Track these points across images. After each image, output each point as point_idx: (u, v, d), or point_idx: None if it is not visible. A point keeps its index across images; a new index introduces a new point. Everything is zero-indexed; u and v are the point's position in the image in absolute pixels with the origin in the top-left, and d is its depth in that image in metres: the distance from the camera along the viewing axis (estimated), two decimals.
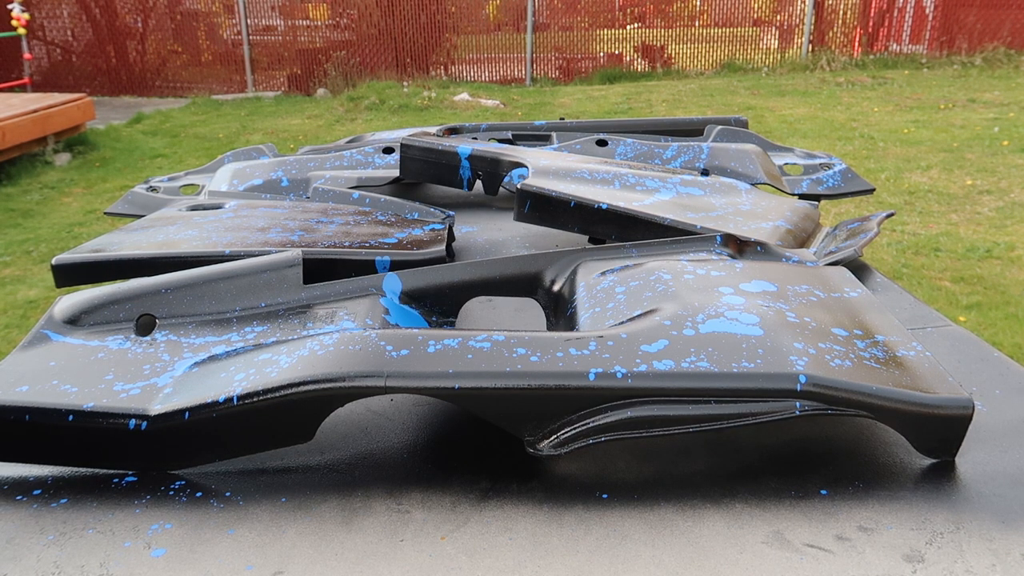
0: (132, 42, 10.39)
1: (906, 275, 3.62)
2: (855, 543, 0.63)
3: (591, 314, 0.88)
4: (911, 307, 1.06)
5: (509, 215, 1.42)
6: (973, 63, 8.97)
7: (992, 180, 4.98)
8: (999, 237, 4.06)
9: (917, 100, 7.49)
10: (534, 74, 10.17)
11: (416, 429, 0.81)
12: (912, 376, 0.73)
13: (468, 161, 1.58)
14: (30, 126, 5.93)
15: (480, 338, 0.74)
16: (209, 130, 7.29)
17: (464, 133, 1.99)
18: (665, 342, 0.74)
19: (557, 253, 1.04)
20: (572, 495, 0.69)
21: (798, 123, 6.77)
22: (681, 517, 0.66)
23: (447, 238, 1.26)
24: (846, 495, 0.69)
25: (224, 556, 0.62)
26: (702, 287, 0.88)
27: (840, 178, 1.66)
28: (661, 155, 1.73)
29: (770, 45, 10.29)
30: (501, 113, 7.93)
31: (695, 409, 0.70)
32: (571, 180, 1.34)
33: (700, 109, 7.55)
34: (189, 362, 0.81)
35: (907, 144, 5.94)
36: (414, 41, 10.03)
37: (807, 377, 0.69)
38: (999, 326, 3.13)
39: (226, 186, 1.69)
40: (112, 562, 0.62)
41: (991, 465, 0.72)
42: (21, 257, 4.36)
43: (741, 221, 1.23)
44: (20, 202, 5.36)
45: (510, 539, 0.64)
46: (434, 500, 0.69)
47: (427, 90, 8.65)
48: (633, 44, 10.62)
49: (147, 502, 0.69)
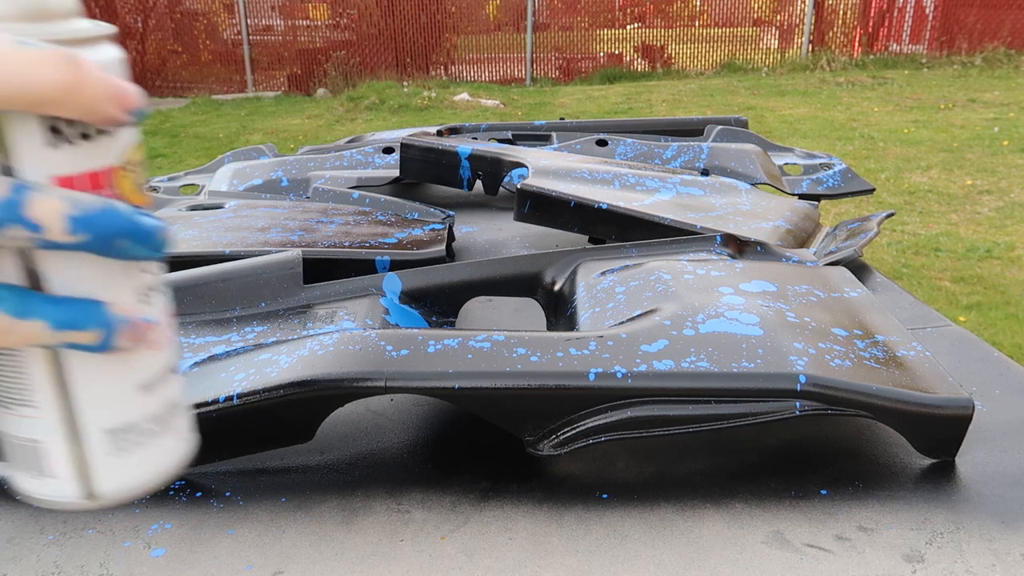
0: (132, 42, 10.38)
1: (906, 275, 3.62)
2: (855, 543, 0.63)
3: (591, 314, 0.88)
4: (911, 307, 1.06)
5: (509, 215, 1.42)
6: (973, 63, 8.96)
7: (992, 180, 4.98)
8: (999, 237, 4.06)
9: (917, 100, 7.49)
10: (534, 74, 10.17)
11: (416, 429, 0.81)
12: (912, 376, 0.73)
13: (468, 161, 1.58)
14: None
15: (480, 338, 0.74)
16: (209, 130, 7.29)
17: (464, 133, 1.99)
18: (665, 342, 0.74)
19: (557, 253, 1.04)
20: (572, 495, 0.69)
21: (798, 123, 6.77)
22: (681, 517, 0.66)
23: (447, 238, 1.26)
24: (846, 495, 0.69)
25: (224, 556, 0.62)
26: (702, 287, 0.88)
27: (840, 178, 1.66)
28: (661, 155, 1.73)
29: (770, 45, 10.29)
30: (501, 113, 7.92)
31: (695, 409, 0.70)
32: (571, 180, 1.34)
33: (700, 109, 7.54)
34: (188, 362, 0.81)
35: (907, 144, 5.94)
36: (414, 41, 10.03)
37: (807, 377, 0.69)
38: (999, 326, 3.13)
39: (226, 186, 1.69)
40: (112, 562, 0.62)
41: (991, 465, 0.72)
42: None
43: (741, 221, 1.23)
44: None
45: (510, 539, 0.64)
46: (434, 500, 0.69)
47: (427, 90, 8.64)
48: (633, 44, 10.62)
49: (147, 502, 0.69)
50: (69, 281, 0.27)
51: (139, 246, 0.27)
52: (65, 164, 0.26)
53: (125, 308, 0.28)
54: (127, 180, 0.28)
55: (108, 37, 0.28)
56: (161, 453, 0.31)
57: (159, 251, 0.27)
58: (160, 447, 0.31)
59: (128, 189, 0.28)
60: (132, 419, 0.30)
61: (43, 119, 0.25)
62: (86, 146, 0.26)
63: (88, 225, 0.25)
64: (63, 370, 0.28)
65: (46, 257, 0.26)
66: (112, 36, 0.29)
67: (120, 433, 0.29)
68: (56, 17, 0.27)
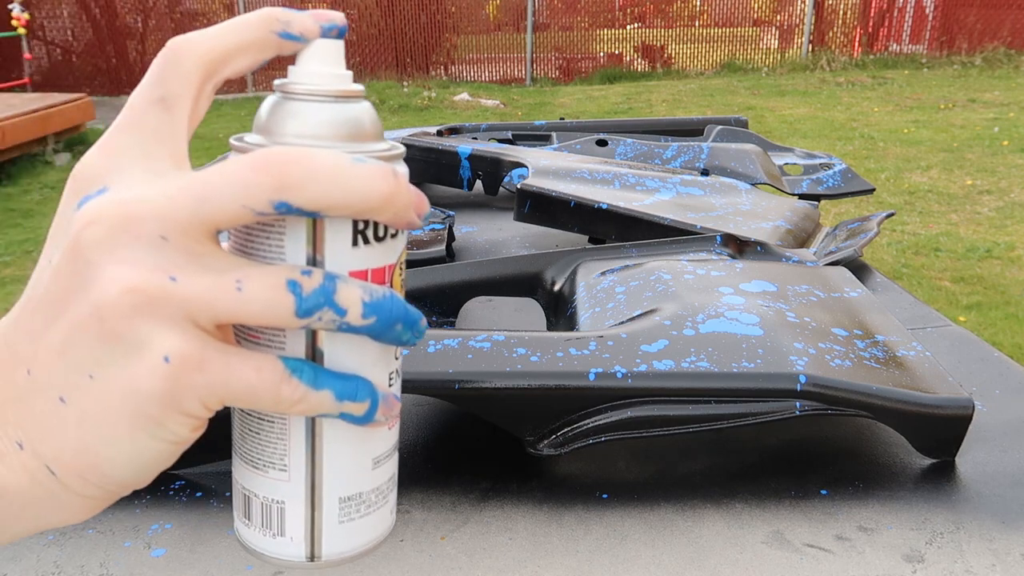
0: (132, 42, 10.39)
1: (906, 275, 3.62)
2: (855, 543, 0.63)
3: (591, 314, 0.88)
4: (911, 307, 1.06)
5: (509, 215, 1.42)
6: (973, 63, 8.97)
7: (992, 180, 4.98)
8: (999, 237, 4.06)
9: (917, 100, 7.49)
10: (534, 74, 10.17)
11: (416, 429, 0.81)
12: (912, 376, 0.73)
13: (468, 161, 1.58)
14: (30, 126, 5.92)
15: (480, 338, 0.74)
16: (209, 130, 7.28)
17: (464, 133, 1.99)
18: (665, 342, 0.74)
19: (557, 253, 1.04)
20: (572, 495, 0.69)
21: (798, 123, 6.77)
22: (681, 517, 0.66)
23: (447, 238, 1.26)
24: (846, 495, 0.69)
25: (224, 556, 0.62)
26: (702, 287, 0.88)
27: (840, 178, 1.66)
28: (661, 155, 1.73)
29: (770, 45, 10.29)
30: (501, 113, 7.92)
31: (695, 409, 0.70)
32: (571, 180, 1.34)
33: (700, 109, 7.54)
34: None
35: (907, 144, 5.94)
36: (414, 41, 10.03)
37: (807, 377, 0.69)
38: (999, 326, 3.13)
39: None
40: (112, 562, 0.62)
41: (991, 465, 0.72)
42: (21, 257, 4.36)
43: (741, 221, 1.23)
44: (20, 202, 5.36)
45: (510, 539, 0.64)
46: (434, 500, 0.69)
47: (427, 90, 8.65)
48: (633, 44, 10.62)
49: (147, 502, 0.69)
50: (344, 360, 0.30)
51: (408, 331, 0.30)
52: (361, 260, 0.30)
53: (381, 386, 0.31)
54: (398, 276, 0.32)
55: (403, 154, 0.32)
56: (377, 523, 0.34)
57: (420, 336, 0.31)
58: (377, 517, 0.34)
59: (398, 284, 0.32)
60: (363, 490, 0.33)
61: (356, 222, 0.29)
62: (378, 246, 0.30)
63: (377, 311, 0.29)
64: (316, 439, 0.31)
65: (330, 339, 0.30)
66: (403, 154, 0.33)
67: (351, 502, 0.32)
68: (371, 139, 0.31)
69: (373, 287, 0.29)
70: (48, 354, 0.27)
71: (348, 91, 0.31)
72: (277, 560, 0.33)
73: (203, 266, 0.27)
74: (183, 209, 0.27)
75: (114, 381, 0.27)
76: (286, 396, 0.28)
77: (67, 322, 0.27)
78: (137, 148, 0.29)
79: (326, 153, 0.27)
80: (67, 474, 0.28)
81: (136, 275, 0.26)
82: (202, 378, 0.27)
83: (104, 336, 0.26)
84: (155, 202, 0.27)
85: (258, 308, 0.27)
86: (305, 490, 0.32)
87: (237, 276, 0.27)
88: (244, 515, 0.33)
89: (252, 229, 0.29)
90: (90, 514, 0.30)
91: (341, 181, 0.27)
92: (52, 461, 0.28)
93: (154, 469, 0.29)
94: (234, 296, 0.27)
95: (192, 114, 0.30)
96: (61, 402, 0.27)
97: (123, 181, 0.28)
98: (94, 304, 0.26)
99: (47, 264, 0.28)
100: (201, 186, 0.27)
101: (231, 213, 0.27)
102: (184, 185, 0.27)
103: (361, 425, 0.31)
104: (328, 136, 0.30)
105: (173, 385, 0.27)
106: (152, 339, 0.26)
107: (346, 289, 0.28)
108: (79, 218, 0.27)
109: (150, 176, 0.28)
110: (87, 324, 0.26)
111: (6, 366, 0.29)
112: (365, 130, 0.31)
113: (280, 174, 0.26)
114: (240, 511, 0.33)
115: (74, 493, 0.29)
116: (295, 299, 0.27)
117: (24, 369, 0.28)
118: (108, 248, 0.26)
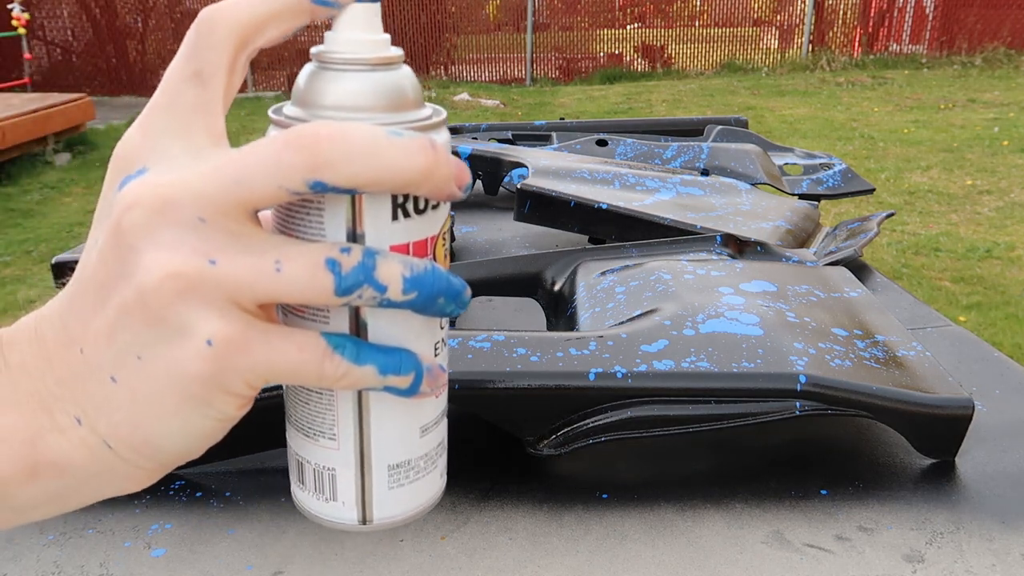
0: (132, 42, 10.38)
1: (906, 275, 3.62)
2: (855, 543, 0.63)
3: (591, 314, 0.88)
4: (911, 307, 1.06)
5: (509, 215, 1.42)
6: (973, 63, 8.96)
7: (992, 180, 4.98)
8: (999, 237, 4.07)
9: (917, 100, 7.49)
10: (534, 74, 10.17)
11: None
12: (912, 376, 0.73)
13: (468, 161, 1.58)
14: (30, 126, 5.92)
15: (480, 338, 0.74)
16: None
17: (464, 133, 1.99)
18: (665, 342, 0.74)
19: (557, 253, 1.04)
20: (572, 495, 0.69)
21: (798, 123, 6.77)
22: (681, 517, 0.66)
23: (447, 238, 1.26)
24: (846, 495, 0.69)
25: (224, 556, 0.62)
26: (702, 287, 0.88)
27: (840, 178, 1.66)
28: (661, 155, 1.73)
29: (770, 45, 10.29)
30: (501, 113, 7.93)
31: (695, 409, 0.70)
32: (571, 180, 1.34)
33: (700, 109, 7.54)
34: None
35: (907, 144, 5.94)
36: (414, 41, 10.02)
37: (807, 377, 0.69)
38: (999, 326, 3.13)
39: None
40: (112, 562, 0.62)
41: (991, 465, 0.72)
42: (21, 257, 4.36)
43: (741, 221, 1.23)
44: (20, 202, 5.36)
45: (510, 539, 0.64)
46: None
47: (427, 90, 8.65)
48: (633, 44, 10.62)
49: (147, 502, 0.69)
50: (389, 333, 0.30)
51: (451, 303, 0.30)
52: (401, 234, 0.30)
53: (426, 358, 0.31)
54: (441, 247, 0.32)
55: (446, 120, 0.32)
56: (426, 487, 0.34)
57: (464, 307, 0.31)
58: (426, 482, 0.34)
59: (441, 255, 0.32)
60: (411, 457, 0.33)
61: (395, 196, 0.29)
62: (419, 219, 0.30)
63: (418, 285, 0.28)
64: (363, 411, 0.32)
65: (373, 313, 0.30)
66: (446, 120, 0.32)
67: (400, 469, 0.33)
68: (411, 107, 0.30)
69: (414, 261, 0.29)
70: (98, 336, 0.28)
71: (387, 57, 0.30)
72: (331, 523, 0.33)
73: (242, 247, 0.27)
74: (219, 191, 0.27)
75: (161, 363, 0.28)
76: (329, 373, 0.29)
77: (113, 306, 0.28)
78: (174, 126, 0.29)
79: (361, 129, 0.27)
80: (123, 448, 0.29)
81: (177, 259, 0.26)
82: (245, 359, 0.27)
83: (149, 321, 0.27)
84: (192, 185, 0.27)
85: (298, 288, 0.27)
86: (355, 458, 0.32)
87: (276, 256, 0.27)
88: (299, 480, 0.33)
89: (293, 206, 0.29)
90: (148, 483, 0.31)
91: (376, 158, 0.27)
92: (108, 436, 0.29)
93: (205, 443, 0.30)
94: (273, 277, 0.27)
95: (227, 87, 0.30)
96: (113, 381, 0.28)
97: (162, 161, 0.28)
98: (137, 290, 0.27)
99: (93, 244, 0.29)
100: (236, 167, 0.27)
101: (267, 193, 0.27)
102: (220, 165, 0.27)
103: (407, 397, 0.31)
104: (367, 107, 0.29)
105: (217, 367, 0.27)
106: (195, 323, 0.27)
107: (386, 265, 0.28)
108: (119, 200, 0.28)
109: (188, 154, 0.28)
110: (132, 309, 0.27)
111: (62, 345, 0.29)
112: (405, 98, 0.30)
113: (314, 153, 0.26)
114: (295, 476, 0.34)
115: (131, 465, 0.30)
116: (334, 278, 0.27)
117: (77, 348, 0.29)
118: (148, 232, 0.27)
